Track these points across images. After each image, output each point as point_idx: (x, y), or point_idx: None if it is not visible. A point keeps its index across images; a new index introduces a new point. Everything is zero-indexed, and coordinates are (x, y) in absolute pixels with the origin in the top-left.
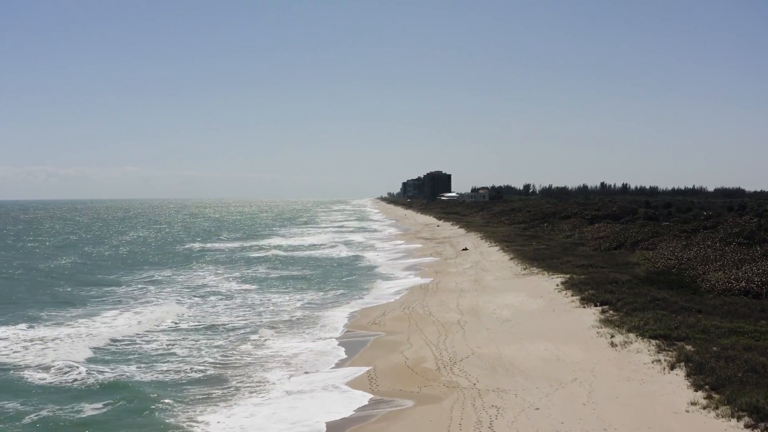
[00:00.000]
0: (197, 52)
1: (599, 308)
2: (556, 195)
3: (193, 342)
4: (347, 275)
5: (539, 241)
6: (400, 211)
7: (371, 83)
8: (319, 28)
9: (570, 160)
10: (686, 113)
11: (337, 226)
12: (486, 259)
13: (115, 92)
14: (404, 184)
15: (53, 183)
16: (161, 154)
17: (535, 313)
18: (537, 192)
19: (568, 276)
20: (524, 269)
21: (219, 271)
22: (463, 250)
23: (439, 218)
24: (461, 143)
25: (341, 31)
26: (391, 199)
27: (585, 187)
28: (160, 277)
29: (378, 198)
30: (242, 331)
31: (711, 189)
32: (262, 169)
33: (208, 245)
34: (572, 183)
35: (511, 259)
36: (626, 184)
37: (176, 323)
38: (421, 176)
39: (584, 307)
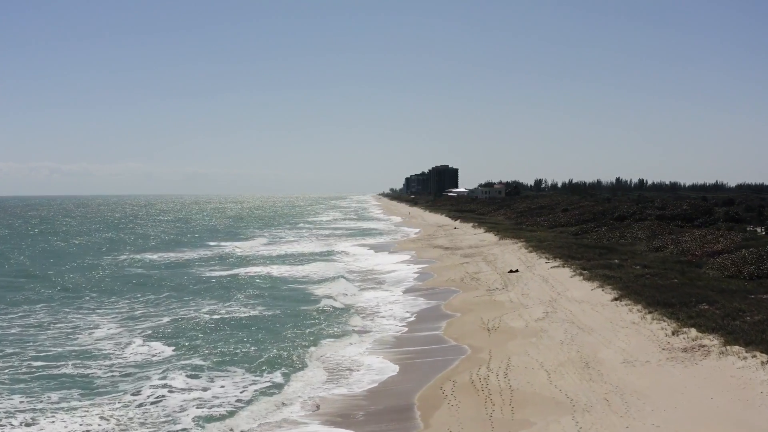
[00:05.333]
0: (199, 48)
1: None
2: (577, 190)
3: None
4: (314, 327)
5: (621, 257)
6: (404, 208)
7: (373, 79)
8: (322, 24)
9: (577, 156)
10: (692, 109)
11: (331, 228)
12: (562, 294)
13: (117, 88)
14: (407, 179)
15: (56, 179)
16: (164, 150)
17: None
18: (548, 187)
19: None
20: (673, 332)
21: (137, 310)
22: (511, 272)
23: (454, 218)
24: (464, 139)
25: (344, 26)
26: (394, 196)
27: (599, 182)
28: (12, 330)
29: (380, 194)
30: None
31: (732, 185)
32: (265, 165)
33: (156, 256)
34: (579, 178)
35: (616, 299)
36: (643, 180)
37: None
38: (426, 171)
39: None
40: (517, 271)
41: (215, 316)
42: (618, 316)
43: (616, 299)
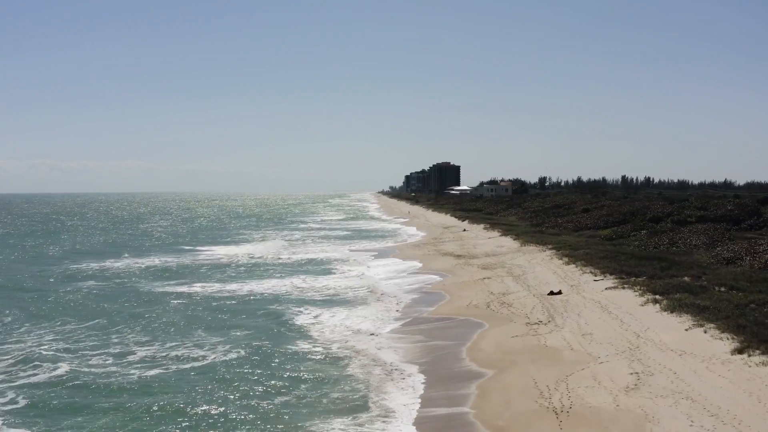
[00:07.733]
0: (199, 46)
1: None
2: (587, 189)
3: None
4: (285, 393)
5: (689, 272)
6: (405, 207)
7: (373, 76)
8: (321, 22)
9: (578, 154)
10: (696, 108)
11: (326, 230)
12: (643, 337)
13: (117, 86)
14: (407, 177)
15: (56, 176)
16: (163, 148)
17: None
18: (552, 185)
19: None
20: None
21: (43, 346)
22: (552, 293)
23: (461, 218)
24: (464, 136)
25: (344, 24)
26: (394, 193)
27: (604, 180)
28: None
29: (379, 192)
30: None
31: (741, 183)
32: (265, 163)
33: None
34: (582, 176)
35: (739, 351)
36: (649, 177)
37: None
38: (426, 168)
39: None
40: (560, 293)
41: (142, 366)
42: (765, 389)
43: (739, 351)
